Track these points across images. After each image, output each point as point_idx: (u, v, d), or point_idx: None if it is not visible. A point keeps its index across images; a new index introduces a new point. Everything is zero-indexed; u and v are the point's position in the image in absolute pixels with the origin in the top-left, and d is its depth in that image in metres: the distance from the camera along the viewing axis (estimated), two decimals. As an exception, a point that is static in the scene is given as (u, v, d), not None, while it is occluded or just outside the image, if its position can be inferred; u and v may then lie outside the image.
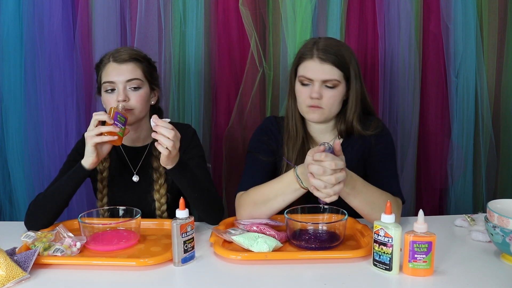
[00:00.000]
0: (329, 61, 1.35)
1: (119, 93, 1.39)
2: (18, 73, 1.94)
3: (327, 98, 1.37)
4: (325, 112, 1.39)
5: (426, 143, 2.04)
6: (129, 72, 1.40)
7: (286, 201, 1.30)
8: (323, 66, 1.36)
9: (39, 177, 2.00)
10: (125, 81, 1.40)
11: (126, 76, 1.40)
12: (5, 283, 1.03)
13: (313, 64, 1.37)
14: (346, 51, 1.39)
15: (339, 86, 1.37)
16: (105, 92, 1.42)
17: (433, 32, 1.95)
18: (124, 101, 1.39)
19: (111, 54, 1.44)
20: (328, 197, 1.16)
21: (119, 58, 1.41)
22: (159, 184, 1.49)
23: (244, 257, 1.16)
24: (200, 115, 1.96)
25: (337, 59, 1.36)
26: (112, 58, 1.42)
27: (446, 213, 2.07)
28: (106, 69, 1.42)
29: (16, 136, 1.98)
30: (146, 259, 1.14)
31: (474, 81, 1.96)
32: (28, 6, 1.88)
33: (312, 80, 1.37)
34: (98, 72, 1.47)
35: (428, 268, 1.06)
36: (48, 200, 1.36)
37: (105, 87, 1.41)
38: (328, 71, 1.36)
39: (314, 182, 1.15)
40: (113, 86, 1.40)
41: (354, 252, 1.16)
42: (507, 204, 1.21)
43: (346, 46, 1.44)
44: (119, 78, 1.39)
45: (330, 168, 1.13)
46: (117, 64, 1.40)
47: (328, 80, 1.36)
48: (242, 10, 1.87)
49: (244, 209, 1.35)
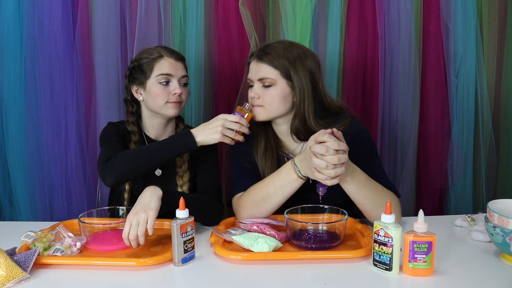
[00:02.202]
0: (263, 61, 1.38)
1: (175, 87, 1.50)
2: (18, 73, 1.94)
3: (265, 96, 1.39)
4: (266, 110, 1.41)
5: (426, 143, 2.04)
6: (182, 69, 1.54)
7: (285, 193, 1.30)
8: (258, 65, 1.39)
9: (39, 177, 2.00)
10: (180, 77, 1.52)
11: (182, 72, 1.53)
12: (5, 283, 1.03)
13: (253, 64, 1.42)
14: (291, 52, 1.38)
15: (276, 85, 1.38)
16: (158, 83, 1.50)
17: (433, 32, 1.95)
18: (181, 93, 1.51)
19: (162, 49, 1.53)
20: (329, 179, 1.17)
21: (176, 56, 1.53)
22: (182, 180, 1.53)
23: (244, 257, 1.16)
24: (200, 115, 1.96)
25: (272, 58, 1.37)
26: (167, 54, 1.52)
27: (446, 213, 2.08)
28: (159, 64, 1.50)
29: (16, 136, 1.98)
30: (146, 259, 1.14)
31: (474, 81, 1.97)
32: (28, 6, 1.88)
33: (252, 80, 1.42)
34: (143, 63, 1.52)
35: (428, 268, 1.06)
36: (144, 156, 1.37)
37: (159, 79, 1.50)
38: (262, 70, 1.38)
39: (315, 161, 1.16)
40: (169, 78, 1.50)
41: (354, 252, 1.16)
42: (507, 204, 1.21)
43: (296, 47, 1.41)
44: (177, 73, 1.51)
45: (333, 148, 1.14)
46: (174, 61, 1.52)
47: (262, 79, 1.39)
48: (242, 10, 1.87)
49: (244, 209, 1.35)
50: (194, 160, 1.58)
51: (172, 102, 1.51)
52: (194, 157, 1.58)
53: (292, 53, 1.39)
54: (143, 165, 1.37)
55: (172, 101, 1.50)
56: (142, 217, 1.19)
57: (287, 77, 1.39)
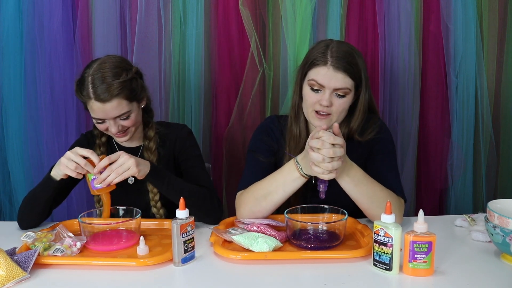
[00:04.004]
0: (342, 70, 1.32)
1: (111, 126, 1.38)
2: (18, 73, 1.94)
3: (336, 106, 1.35)
4: (332, 119, 1.38)
5: (426, 143, 2.04)
6: (115, 109, 1.35)
7: (286, 191, 1.30)
8: (336, 75, 1.32)
9: (39, 177, 1.99)
10: (114, 118, 1.37)
11: (114, 113, 1.36)
12: (5, 283, 1.03)
13: (326, 71, 1.33)
14: (359, 59, 1.37)
15: (349, 94, 1.36)
16: (96, 122, 1.41)
17: (433, 32, 1.95)
18: (119, 131, 1.40)
19: (91, 85, 1.33)
20: (326, 172, 1.18)
21: (102, 97, 1.32)
22: (151, 185, 1.48)
23: (244, 256, 1.16)
24: (200, 115, 1.96)
25: (350, 68, 1.33)
26: (94, 96, 1.33)
27: (446, 213, 2.07)
28: (90, 106, 1.36)
29: (16, 136, 1.98)
30: (146, 259, 1.14)
31: (474, 81, 1.96)
32: (28, 6, 1.88)
33: (324, 87, 1.34)
34: (79, 95, 1.38)
35: (428, 268, 1.06)
36: (31, 204, 1.39)
37: (95, 120, 1.40)
38: (341, 80, 1.33)
39: (312, 155, 1.18)
40: (102, 120, 1.38)
41: (354, 252, 1.16)
42: (507, 204, 1.21)
43: (357, 52, 1.40)
44: (107, 116, 1.36)
45: (328, 142, 1.16)
46: (101, 104, 1.33)
47: (339, 89, 1.34)
48: (242, 10, 1.87)
49: (244, 206, 1.35)
50: (172, 160, 1.53)
51: (115, 135, 1.42)
52: (168, 158, 1.53)
53: (360, 61, 1.37)
54: (38, 213, 1.40)
55: (114, 134, 1.41)
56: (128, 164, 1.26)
57: (356, 87, 1.38)
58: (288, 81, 1.92)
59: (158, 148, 1.51)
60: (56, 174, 1.34)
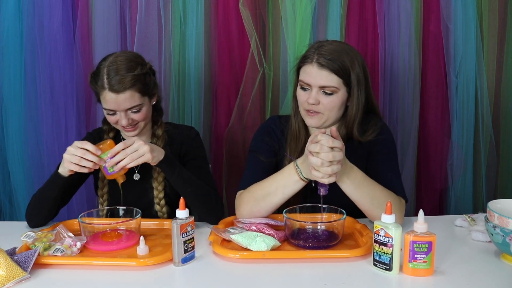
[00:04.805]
0: (327, 68, 1.32)
1: (121, 118, 1.40)
2: (18, 73, 1.94)
3: (324, 104, 1.35)
4: (323, 117, 1.38)
5: (426, 143, 2.04)
6: (128, 101, 1.37)
7: (286, 194, 1.30)
8: (321, 72, 1.33)
9: (39, 177, 2.00)
10: (125, 110, 1.39)
11: (126, 105, 1.38)
12: (5, 283, 1.03)
13: (312, 69, 1.34)
14: (349, 57, 1.35)
15: (338, 93, 1.35)
16: (107, 114, 1.43)
17: (433, 32, 1.95)
18: (129, 124, 1.41)
19: (106, 76, 1.36)
20: (326, 176, 1.18)
21: (116, 88, 1.35)
22: (157, 181, 1.50)
23: (242, 255, 1.16)
24: (200, 115, 1.96)
25: (336, 66, 1.33)
26: (108, 86, 1.35)
27: (446, 213, 2.07)
28: (103, 96, 1.38)
29: (16, 136, 1.98)
30: (146, 259, 1.14)
31: (474, 81, 1.96)
32: (28, 6, 1.88)
33: (310, 85, 1.35)
34: (93, 85, 1.41)
35: (428, 268, 1.06)
36: (40, 202, 1.40)
37: (106, 111, 1.42)
38: (325, 78, 1.33)
39: (311, 159, 1.18)
40: (114, 111, 1.40)
41: (352, 252, 1.16)
42: (507, 204, 1.21)
43: (351, 51, 1.38)
44: (119, 108, 1.38)
45: (327, 146, 1.16)
46: (115, 95, 1.36)
47: (325, 87, 1.34)
48: (242, 10, 1.87)
49: (244, 206, 1.35)
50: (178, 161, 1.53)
51: (125, 128, 1.44)
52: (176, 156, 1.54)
53: (350, 59, 1.35)
54: (46, 210, 1.41)
55: (123, 127, 1.43)
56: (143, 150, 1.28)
57: (347, 85, 1.36)
58: (288, 81, 1.92)
59: (165, 147, 1.51)
60: (63, 171, 1.36)
